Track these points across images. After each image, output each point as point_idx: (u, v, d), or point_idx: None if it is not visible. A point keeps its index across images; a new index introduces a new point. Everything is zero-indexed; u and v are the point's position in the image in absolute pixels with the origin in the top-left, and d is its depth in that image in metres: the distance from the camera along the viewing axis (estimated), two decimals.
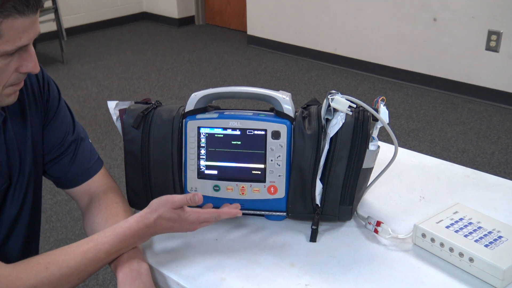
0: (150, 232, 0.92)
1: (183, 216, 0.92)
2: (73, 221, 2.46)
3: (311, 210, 1.02)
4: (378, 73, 4.10)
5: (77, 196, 1.07)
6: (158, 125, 1.04)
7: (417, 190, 1.18)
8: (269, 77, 4.18)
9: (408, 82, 3.95)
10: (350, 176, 0.99)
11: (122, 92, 3.96)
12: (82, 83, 4.15)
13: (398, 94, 3.79)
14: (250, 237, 1.03)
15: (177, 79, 4.19)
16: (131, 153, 1.06)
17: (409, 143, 3.07)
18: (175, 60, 4.63)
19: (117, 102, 1.08)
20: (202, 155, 1.05)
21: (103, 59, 4.69)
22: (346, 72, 4.23)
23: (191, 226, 0.94)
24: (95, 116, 3.54)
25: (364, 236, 1.02)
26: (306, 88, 3.93)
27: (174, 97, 3.82)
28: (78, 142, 1.05)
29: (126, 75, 4.29)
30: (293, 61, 4.50)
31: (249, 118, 1.02)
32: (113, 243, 0.89)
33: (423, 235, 0.96)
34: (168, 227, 0.92)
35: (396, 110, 3.52)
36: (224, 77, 4.19)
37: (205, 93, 1.04)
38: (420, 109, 3.54)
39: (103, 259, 0.89)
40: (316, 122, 1.00)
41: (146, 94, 3.89)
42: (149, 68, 4.44)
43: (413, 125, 3.31)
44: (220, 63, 4.51)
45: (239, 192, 1.04)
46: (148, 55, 4.77)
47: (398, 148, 1.03)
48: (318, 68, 4.34)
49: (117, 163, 2.91)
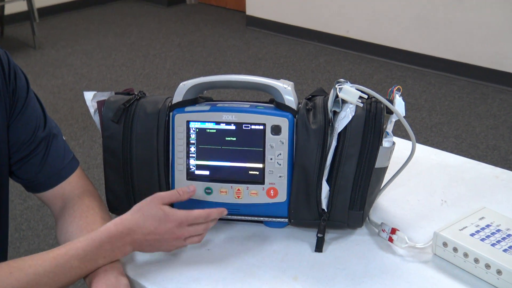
0: (132, 239, 0.92)
1: (170, 214, 0.93)
2: (47, 229, 2.47)
3: (316, 216, 1.03)
4: (397, 59, 4.10)
5: (49, 200, 1.08)
6: (142, 119, 1.05)
7: (438, 193, 1.18)
8: (271, 64, 4.18)
9: (430, 69, 3.95)
10: (361, 176, 1.00)
11: (102, 81, 3.96)
12: (56, 71, 4.16)
13: (419, 83, 3.79)
14: (247, 247, 1.03)
15: (166, 67, 4.19)
16: (110, 151, 1.06)
17: (432, 139, 3.07)
18: (164, 45, 4.63)
19: (95, 93, 1.08)
20: (192, 153, 1.05)
21: (80, 44, 4.69)
22: (360, 58, 4.23)
23: (179, 231, 0.94)
24: (71, 109, 3.54)
25: (377, 246, 1.02)
26: (313, 77, 3.93)
27: (162, 87, 3.82)
28: (50, 139, 1.06)
29: (107, 62, 4.30)
30: (299, 46, 4.50)
31: (246, 111, 1.02)
32: (87, 249, 0.89)
33: (444, 244, 0.97)
34: (152, 229, 0.92)
35: (417, 101, 3.53)
36: (220, 64, 4.19)
37: (195, 82, 1.05)
38: (445, 100, 3.54)
39: (76, 267, 0.89)
40: (322, 115, 1.00)
41: (129, 83, 3.89)
42: (133, 54, 4.44)
43: (436, 118, 3.32)
44: (215, 48, 4.51)
45: (234, 196, 1.04)
46: (132, 39, 4.77)
47: (416, 144, 1.03)
48: (327, 53, 4.34)
49: (97, 162, 2.92)
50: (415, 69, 4.00)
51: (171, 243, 0.95)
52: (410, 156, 1.05)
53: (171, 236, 0.94)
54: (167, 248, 0.96)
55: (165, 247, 0.96)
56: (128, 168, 1.06)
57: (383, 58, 4.16)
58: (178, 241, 0.95)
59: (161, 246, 0.96)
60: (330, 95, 1.01)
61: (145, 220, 0.92)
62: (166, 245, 0.95)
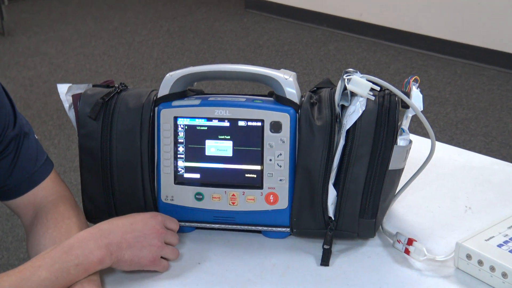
0: (108, 241, 0.93)
1: (146, 214, 0.97)
2: (17, 242, 2.47)
3: (322, 225, 1.03)
4: (417, 45, 4.10)
5: (19, 209, 1.08)
6: (123, 115, 1.05)
7: (461, 198, 1.18)
8: (273, 52, 4.18)
9: (456, 57, 3.95)
10: (372, 180, 1.00)
11: (80, 72, 3.97)
12: (28, 61, 4.16)
13: (443, 73, 3.79)
14: (243, 260, 1.03)
15: (153, 56, 4.20)
16: (88, 152, 1.07)
17: (457, 138, 3.08)
18: (150, 31, 4.63)
19: (69, 86, 1.08)
20: (180, 153, 1.05)
21: (56, 30, 4.70)
22: (375, 44, 4.23)
23: (161, 228, 0.98)
24: (45, 105, 3.55)
25: (392, 258, 1.03)
26: (322, 66, 3.94)
27: (149, 79, 3.83)
28: (20, 138, 1.06)
29: (86, 51, 4.30)
30: (305, 31, 4.50)
31: (241, 105, 1.03)
32: (55, 255, 0.89)
33: (468, 257, 0.97)
34: (133, 227, 0.95)
35: (440, 94, 3.53)
36: (215, 53, 4.19)
37: (184, 72, 1.05)
38: (472, 93, 3.54)
39: (45, 279, 0.88)
40: (328, 110, 1.00)
41: (111, 75, 3.90)
42: (116, 41, 4.45)
43: (462, 113, 3.32)
44: (209, 34, 4.52)
45: (229, 202, 1.04)
46: (114, 24, 4.78)
47: (435, 142, 1.03)
48: (337, 39, 4.34)
49: (74, 165, 2.93)
50: (438, 57, 4.00)
51: (152, 242, 0.96)
52: (429, 156, 1.05)
53: (153, 232, 0.96)
54: (148, 253, 0.96)
55: (147, 250, 0.96)
56: (107, 171, 1.06)
57: (401, 44, 4.16)
58: (158, 242, 0.97)
59: (143, 249, 0.96)
60: (338, 87, 1.01)
61: (126, 219, 0.95)
62: (148, 247, 0.96)
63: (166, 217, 1.02)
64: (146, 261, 0.97)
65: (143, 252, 0.96)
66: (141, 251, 0.96)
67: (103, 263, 0.93)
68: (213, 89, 3.47)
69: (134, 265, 0.96)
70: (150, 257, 0.97)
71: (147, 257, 0.96)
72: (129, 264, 0.96)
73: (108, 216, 0.98)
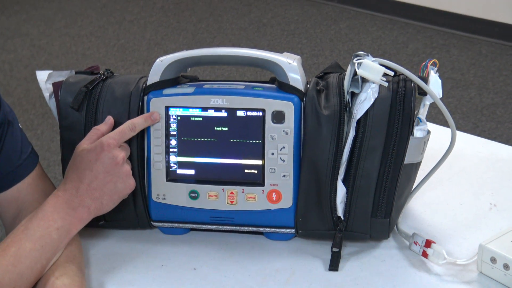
0: (79, 199, 0.95)
1: (91, 151, 0.98)
2: None
3: (330, 226, 1.03)
4: (438, 23, 4.08)
5: (1, 206, 1.08)
6: (109, 105, 1.05)
7: (485, 195, 1.18)
8: (279, 31, 4.17)
9: (481, 36, 3.93)
10: (386, 175, 1.00)
11: (65, 55, 3.97)
12: (8, 43, 4.16)
13: (467, 53, 3.78)
14: (243, 265, 1.03)
15: (146, 36, 4.19)
16: (70, 145, 1.06)
17: (482, 125, 3.07)
18: (143, 9, 4.63)
19: (50, 73, 1.09)
20: (172, 147, 1.05)
21: (38, 8, 4.69)
22: (391, 22, 4.21)
23: (115, 151, 0.98)
24: (26, 91, 3.55)
25: (408, 262, 1.02)
26: (332, 47, 3.93)
27: (141, 62, 3.83)
28: (4, 128, 1.06)
29: (72, 31, 4.30)
30: (314, 7, 4.49)
31: (240, 93, 1.03)
32: (32, 226, 0.92)
33: (492, 260, 0.97)
34: (92, 176, 0.96)
35: (463, 77, 3.52)
36: (214, 33, 4.19)
37: (176, 57, 1.05)
38: (499, 75, 3.53)
39: (31, 251, 0.91)
40: (337, 98, 1.00)
41: (100, 58, 3.90)
42: (104, 21, 4.44)
43: (488, 98, 3.31)
44: (208, 12, 4.51)
45: (227, 201, 1.04)
46: (103, 1, 4.77)
47: (456, 133, 1.03)
48: (350, 16, 4.33)
49: (59, 158, 2.93)
50: (461, 35, 3.99)
51: (119, 173, 0.98)
52: (450, 147, 1.05)
53: (112, 163, 0.97)
54: (122, 183, 0.99)
55: (120, 182, 0.99)
56: None
57: (420, 22, 4.15)
58: (122, 168, 0.99)
59: (116, 184, 0.98)
60: (347, 72, 1.01)
61: (82, 169, 0.96)
62: (118, 179, 0.98)
63: (109, 135, 1.00)
64: (125, 191, 1.00)
65: (118, 187, 0.99)
66: (115, 187, 0.98)
67: (83, 221, 0.97)
68: (212, 74, 3.46)
69: (117, 201, 1.00)
70: (127, 185, 1.00)
71: (123, 188, 0.99)
72: (112, 204, 1.00)
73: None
